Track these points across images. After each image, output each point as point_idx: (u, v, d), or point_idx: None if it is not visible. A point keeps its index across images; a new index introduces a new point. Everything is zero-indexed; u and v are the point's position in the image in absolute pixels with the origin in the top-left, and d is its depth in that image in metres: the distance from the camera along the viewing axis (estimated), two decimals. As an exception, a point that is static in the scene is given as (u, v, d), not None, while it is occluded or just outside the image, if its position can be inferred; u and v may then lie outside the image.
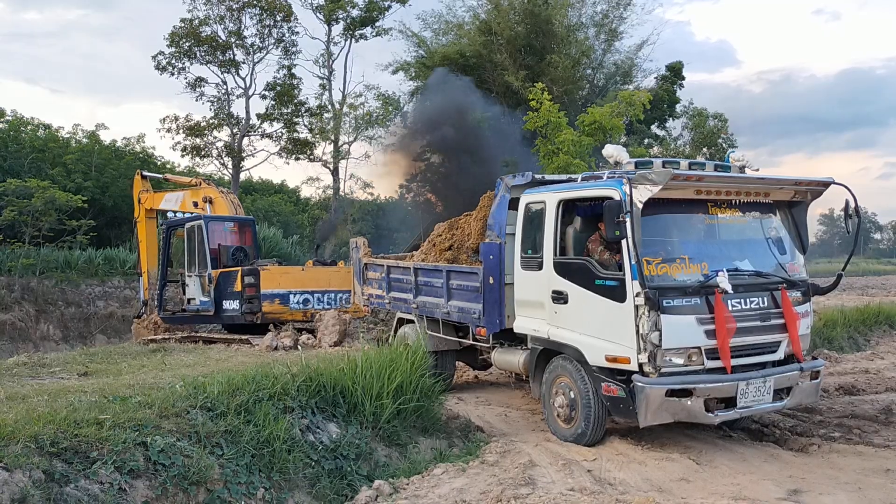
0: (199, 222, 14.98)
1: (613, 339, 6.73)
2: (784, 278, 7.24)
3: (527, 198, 8.06)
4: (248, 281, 13.60)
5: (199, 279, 14.79)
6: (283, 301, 13.86)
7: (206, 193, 16.22)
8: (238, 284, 13.76)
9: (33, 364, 10.10)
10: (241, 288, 13.67)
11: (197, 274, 14.90)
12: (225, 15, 28.95)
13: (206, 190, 16.44)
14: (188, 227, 15.38)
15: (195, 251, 15.05)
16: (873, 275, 50.97)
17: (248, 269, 13.79)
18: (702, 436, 7.53)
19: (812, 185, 7.48)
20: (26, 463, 4.44)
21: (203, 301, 14.72)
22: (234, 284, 13.94)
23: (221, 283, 14.23)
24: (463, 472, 6.29)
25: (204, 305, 14.69)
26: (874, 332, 15.19)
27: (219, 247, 14.72)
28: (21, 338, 18.77)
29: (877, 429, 7.73)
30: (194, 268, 15.10)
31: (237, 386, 6.23)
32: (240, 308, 13.70)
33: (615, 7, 28.10)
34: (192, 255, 15.24)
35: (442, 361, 9.67)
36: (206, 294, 14.61)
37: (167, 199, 17.19)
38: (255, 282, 13.64)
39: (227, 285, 14.10)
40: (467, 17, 28.28)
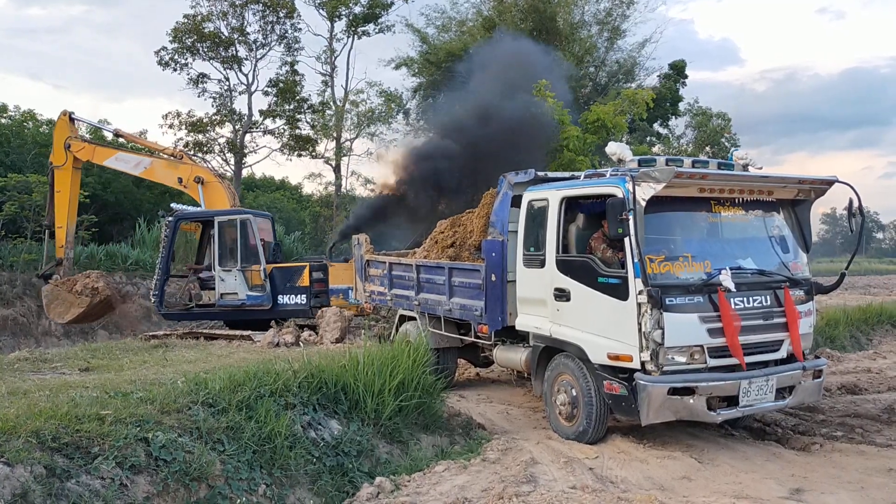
0: (248, 217, 15.01)
1: (616, 337, 6.72)
2: (787, 277, 7.23)
3: (529, 195, 8.05)
4: (317, 276, 14.04)
5: (243, 274, 14.76)
6: (345, 296, 14.08)
7: (197, 173, 15.62)
8: (305, 279, 14.08)
9: (35, 359, 10.09)
10: (308, 283, 14.00)
11: (239, 269, 14.81)
12: (228, 11, 28.95)
13: (196, 169, 15.74)
14: (229, 220, 15.07)
15: (238, 246, 14.98)
16: (875, 274, 50.85)
17: (318, 265, 14.24)
18: (704, 434, 7.52)
19: (815, 183, 7.47)
20: (27, 458, 4.44)
21: (252, 296, 14.68)
22: (295, 279, 14.22)
23: (277, 278, 14.39)
24: (464, 469, 6.29)
25: (254, 300, 14.63)
26: (876, 331, 15.18)
27: (263, 242, 14.82)
28: (23, 333, 18.76)
29: (879, 428, 7.71)
30: (233, 263, 14.93)
31: (239, 382, 6.23)
32: (306, 303, 13.99)
33: (618, 5, 28.06)
34: (231, 250, 15.07)
35: (444, 359, 9.67)
36: (257, 289, 14.63)
37: (120, 159, 16.20)
38: (325, 277, 14.13)
39: (287, 280, 14.34)
40: (471, 13, 28.25)
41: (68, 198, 15.77)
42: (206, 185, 15.51)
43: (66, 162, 15.76)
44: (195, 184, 15.65)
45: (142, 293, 21.99)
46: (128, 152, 16.79)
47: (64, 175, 15.81)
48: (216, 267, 14.86)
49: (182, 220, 15.36)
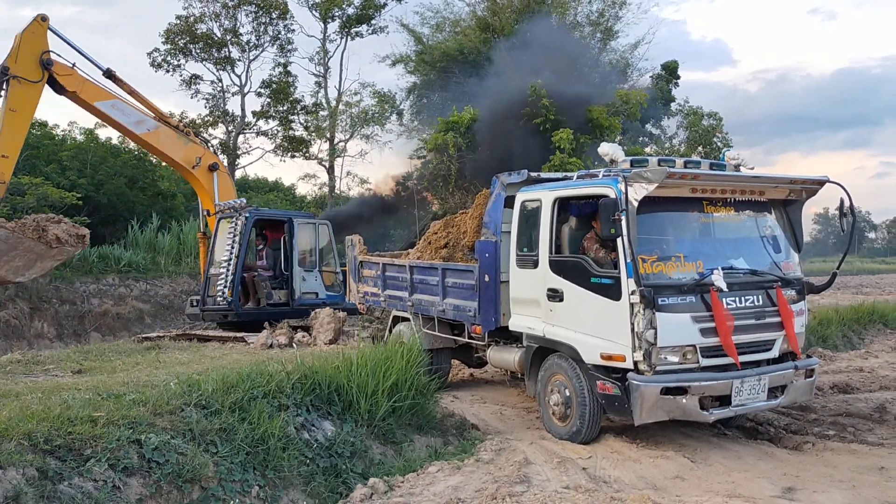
0: (326, 224, 16.17)
1: (609, 337, 6.73)
2: (779, 277, 7.25)
3: (523, 196, 8.06)
4: None
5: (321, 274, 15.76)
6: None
7: (212, 159, 15.48)
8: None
9: (27, 361, 10.06)
10: None
11: (318, 269, 15.73)
12: (220, 12, 28.89)
13: (209, 154, 15.53)
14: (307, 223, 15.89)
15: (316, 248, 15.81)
16: (868, 273, 51.02)
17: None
18: (696, 434, 7.54)
19: (807, 183, 7.49)
20: (20, 460, 4.43)
21: (330, 295, 15.57)
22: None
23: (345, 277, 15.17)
24: (458, 469, 6.29)
25: (333, 299, 15.38)
26: (868, 330, 15.23)
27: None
28: (15, 335, 18.68)
29: (871, 427, 7.75)
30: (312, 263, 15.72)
31: (232, 384, 6.22)
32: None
33: (611, 6, 28.12)
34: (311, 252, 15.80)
35: (437, 359, 9.67)
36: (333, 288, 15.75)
37: (118, 107, 13.92)
38: None
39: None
40: (465, 12, 28.26)
41: (24, 121, 12.82)
42: (218, 177, 15.29)
43: (39, 80, 12.67)
44: (209, 172, 15.27)
45: (134, 295, 21.95)
46: (128, 104, 14.30)
47: (29, 93, 12.55)
48: (295, 267, 15.21)
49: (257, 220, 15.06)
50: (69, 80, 13.10)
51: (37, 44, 12.71)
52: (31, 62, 12.51)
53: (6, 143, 12.09)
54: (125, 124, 14.06)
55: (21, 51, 12.40)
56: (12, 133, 12.27)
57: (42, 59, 12.64)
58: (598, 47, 28.39)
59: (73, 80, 13.17)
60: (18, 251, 11.38)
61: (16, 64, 12.32)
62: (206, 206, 15.75)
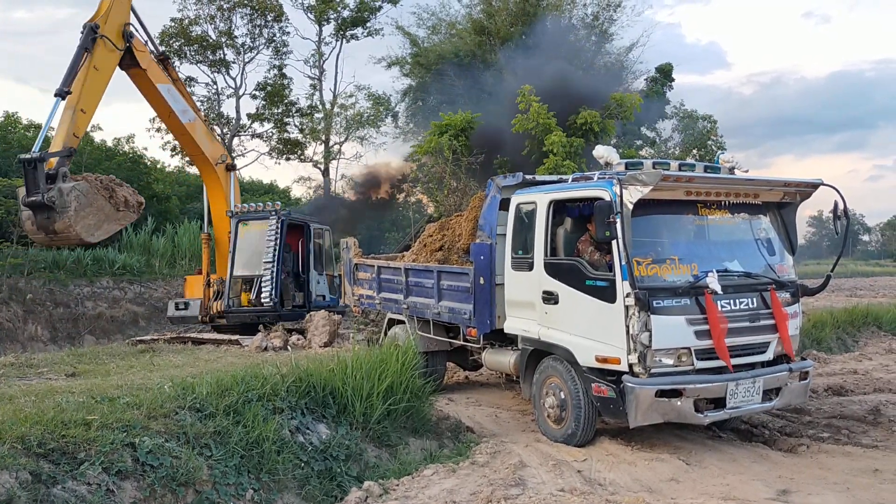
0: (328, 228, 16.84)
1: (604, 340, 6.74)
2: (773, 279, 7.26)
3: (517, 198, 8.07)
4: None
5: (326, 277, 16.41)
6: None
7: (229, 159, 15.69)
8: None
9: (21, 364, 10.03)
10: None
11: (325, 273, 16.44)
12: (215, 14, 28.94)
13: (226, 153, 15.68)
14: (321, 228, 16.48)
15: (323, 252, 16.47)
16: (861, 276, 51.27)
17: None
18: (691, 436, 7.55)
19: (801, 186, 7.51)
20: (13, 464, 4.40)
21: (332, 298, 16.28)
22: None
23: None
24: (453, 472, 6.28)
25: (333, 302, 16.05)
26: (862, 333, 15.27)
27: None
28: (9, 338, 18.62)
29: (865, 429, 7.76)
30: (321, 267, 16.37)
31: (226, 387, 6.20)
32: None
33: (606, 9, 28.20)
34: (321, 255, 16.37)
35: (432, 362, 9.66)
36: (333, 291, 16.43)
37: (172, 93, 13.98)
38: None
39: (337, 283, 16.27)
40: (461, 14, 28.31)
41: (103, 83, 12.49)
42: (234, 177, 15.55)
43: (118, 48, 12.55)
44: (227, 171, 15.43)
45: (129, 298, 21.89)
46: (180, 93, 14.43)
47: (110, 58, 12.46)
48: (311, 271, 15.62)
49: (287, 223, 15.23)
50: (143, 57, 13.17)
51: (123, 13, 12.74)
52: (115, 29, 12.46)
53: (86, 99, 11.87)
54: (175, 111, 14.00)
55: (111, 15, 12.33)
56: (93, 91, 12.08)
57: (125, 29, 12.64)
58: (593, 50, 28.43)
59: (145, 57, 13.27)
60: (93, 208, 11.01)
61: (105, 25, 12.20)
62: (219, 205, 15.62)
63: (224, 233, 15.42)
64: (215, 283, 15.16)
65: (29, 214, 10.23)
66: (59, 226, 10.14)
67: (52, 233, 10.26)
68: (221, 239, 15.57)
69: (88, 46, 11.81)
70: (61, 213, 10.19)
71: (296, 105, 31.18)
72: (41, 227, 10.30)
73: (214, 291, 15.13)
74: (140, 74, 13.33)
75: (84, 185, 10.91)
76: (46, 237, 10.46)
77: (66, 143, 11.03)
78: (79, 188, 10.66)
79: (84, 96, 11.70)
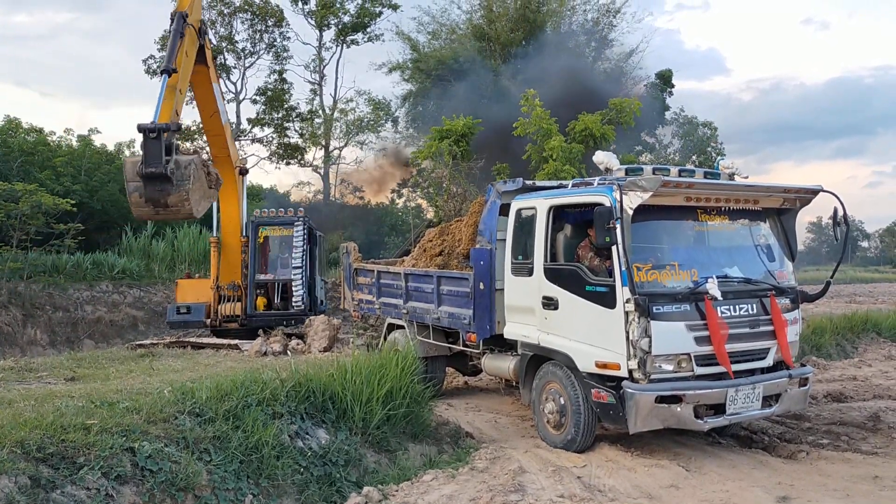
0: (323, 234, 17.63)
1: (603, 346, 6.74)
2: (773, 285, 7.27)
3: (517, 203, 8.08)
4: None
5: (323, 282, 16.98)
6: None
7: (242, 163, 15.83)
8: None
9: (20, 368, 10.00)
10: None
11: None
12: (216, 20, 28.97)
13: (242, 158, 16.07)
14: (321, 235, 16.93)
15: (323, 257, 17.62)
16: (861, 282, 51.19)
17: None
18: (691, 442, 7.54)
19: (801, 192, 7.53)
20: (12, 468, 4.40)
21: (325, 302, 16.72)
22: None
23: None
24: (452, 478, 6.28)
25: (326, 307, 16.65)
26: (861, 339, 15.26)
27: None
28: (7, 342, 18.60)
29: (864, 436, 7.76)
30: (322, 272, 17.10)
31: (226, 391, 6.20)
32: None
33: (605, 15, 28.28)
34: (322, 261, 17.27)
35: (432, 367, 9.65)
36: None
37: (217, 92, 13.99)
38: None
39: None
40: (461, 19, 28.37)
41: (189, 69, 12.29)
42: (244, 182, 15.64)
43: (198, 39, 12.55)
44: (240, 175, 15.54)
45: (128, 302, 21.87)
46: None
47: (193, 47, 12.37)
48: (317, 276, 15.91)
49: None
50: (209, 54, 13.24)
51: (199, 9, 12.86)
52: (196, 22, 12.38)
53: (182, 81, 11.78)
54: (220, 110, 14.10)
55: (194, 7, 12.29)
56: (185, 75, 11.93)
57: (201, 26, 12.62)
58: (593, 56, 28.50)
59: (209, 54, 13.39)
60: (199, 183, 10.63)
61: (191, 15, 12.03)
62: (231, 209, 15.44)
63: (233, 237, 15.41)
64: (227, 287, 15.09)
65: (137, 186, 9.85)
66: (174, 199, 9.89)
67: (163, 206, 9.96)
68: (229, 243, 15.50)
69: (182, 32, 11.61)
70: (178, 186, 9.92)
71: (296, 110, 31.24)
72: (150, 200, 9.93)
73: (224, 295, 15.08)
74: (203, 71, 13.34)
75: (198, 158, 10.59)
76: (153, 210, 10.07)
77: (172, 119, 10.74)
78: (195, 162, 10.35)
79: (181, 79, 11.59)
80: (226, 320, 14.97)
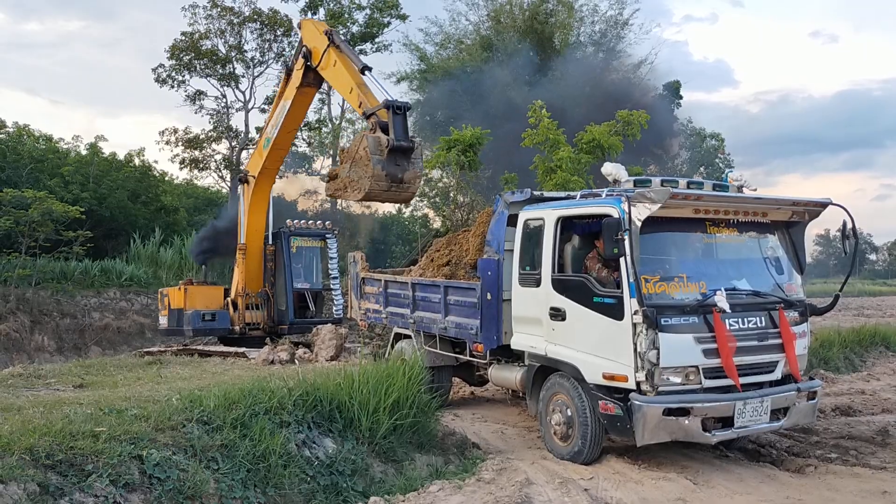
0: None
1: (611, 357, 6.72)
2: (781, 298, 7.25)
3: (525, 214, 8.08)
4: None
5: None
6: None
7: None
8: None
9: (29, 375, 10.06)
10: None
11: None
12: (225, 29, 29.14)
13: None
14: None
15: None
16: (869, 295, 51.00)
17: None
18: (699, 455, 7.50)
19: (810, 205, 7.51)
20: (21, 475, 4.42)
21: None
22: None
23: None
24: (459, 489, 6.26)
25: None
26: (870, 353, 15.18)
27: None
28: (15, 348, 18.69)
29: (873, 450, 7.71)
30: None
31: (233, 400, 6.22)
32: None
33: (613, 26, 28.32)
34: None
35: (438, 377, 9.63)
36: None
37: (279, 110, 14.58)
38: None
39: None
40: (469, 30, 28.44)
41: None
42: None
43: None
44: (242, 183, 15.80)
45: (136, 309, 21.94)
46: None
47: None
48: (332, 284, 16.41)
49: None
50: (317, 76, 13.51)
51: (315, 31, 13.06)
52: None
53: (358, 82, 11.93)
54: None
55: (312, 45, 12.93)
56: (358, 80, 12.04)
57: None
58: (601, 67, 28.53)
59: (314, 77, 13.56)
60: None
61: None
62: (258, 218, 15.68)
63: (257, 246, 15.70)
64: (254, 295, 15.62)
65: (380, 160, 10.02)
66: (409, 175, 10.21)
67: (398, 181, 10.19)
68: (253, 252, 15.70)
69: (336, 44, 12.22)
70: (412, 164, 10.30)
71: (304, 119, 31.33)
72: (389, 174, 10.15)
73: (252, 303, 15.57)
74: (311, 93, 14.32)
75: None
76: (387, 185, 10.19)
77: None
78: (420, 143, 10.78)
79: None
80: (252, 327, 15.45)
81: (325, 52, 12.30)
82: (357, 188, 10.15)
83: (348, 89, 11.67)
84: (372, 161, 9.85)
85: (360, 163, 10.11)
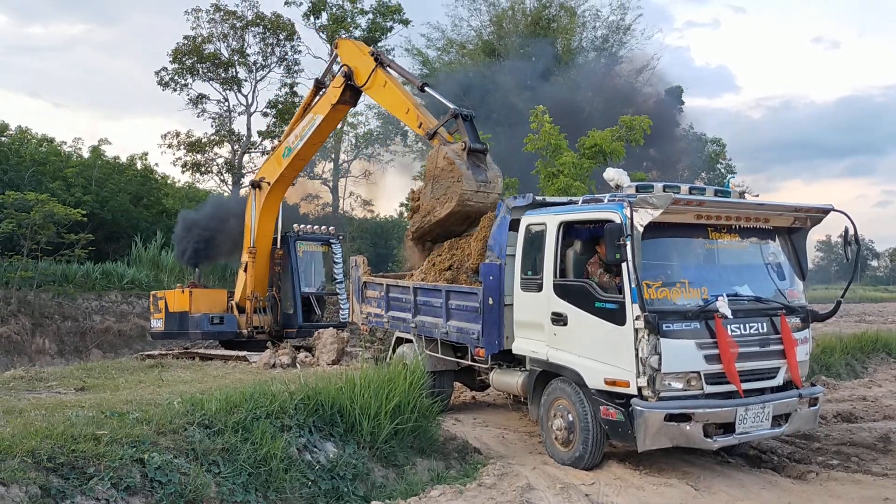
0: None
1: (612, 363, 6.72)
2: (783, 304, 7.25)
3: (527, 219, 8.09)
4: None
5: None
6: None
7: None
8: None
9: (30, 378, 10.06)
10: None
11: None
12: (228, 33, 29.22)
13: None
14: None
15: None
16: (870, 302, 50.98)
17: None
18: (700, 461, 7.50)
19: (812, 211, 7.51)
20: (23, 478, 4.42)
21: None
22: None
23: None
24: (460, 494, 6.25)
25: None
26: (871, 359, 15.18)
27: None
28: (16, 351, 18.70)
29: (875, 457, 7.70)
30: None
31: (235, 403, 6.22)
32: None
33: (615, 32, 28.38)
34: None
35: (440, 382, 9.63)
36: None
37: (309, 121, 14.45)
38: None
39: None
40: (471, 35, 28.50)
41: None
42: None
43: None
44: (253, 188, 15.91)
45: (137, 312, 21.93)
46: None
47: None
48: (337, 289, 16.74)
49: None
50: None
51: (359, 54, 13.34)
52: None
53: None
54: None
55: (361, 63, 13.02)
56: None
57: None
58: (603, 72, 28.56)
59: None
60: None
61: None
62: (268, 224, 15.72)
63: (265, 250, 15.77)
64: (262, 298, 15.77)
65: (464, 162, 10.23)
66: (492, 174, 10.39)
67: (485, 181, 10.31)
68: (261, 255, 15.75)
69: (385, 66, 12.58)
70: (490, 166, 10.53)
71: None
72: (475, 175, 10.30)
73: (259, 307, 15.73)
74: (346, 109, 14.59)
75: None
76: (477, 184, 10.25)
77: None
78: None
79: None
80: (258, 331, 15.59)
81: (372, 73, 12.45)
82: (447, 198, 10.15)
83: (404, 110, 11.83)
84: (457, 164, 10.02)
85: (443, 174, 10.23)
